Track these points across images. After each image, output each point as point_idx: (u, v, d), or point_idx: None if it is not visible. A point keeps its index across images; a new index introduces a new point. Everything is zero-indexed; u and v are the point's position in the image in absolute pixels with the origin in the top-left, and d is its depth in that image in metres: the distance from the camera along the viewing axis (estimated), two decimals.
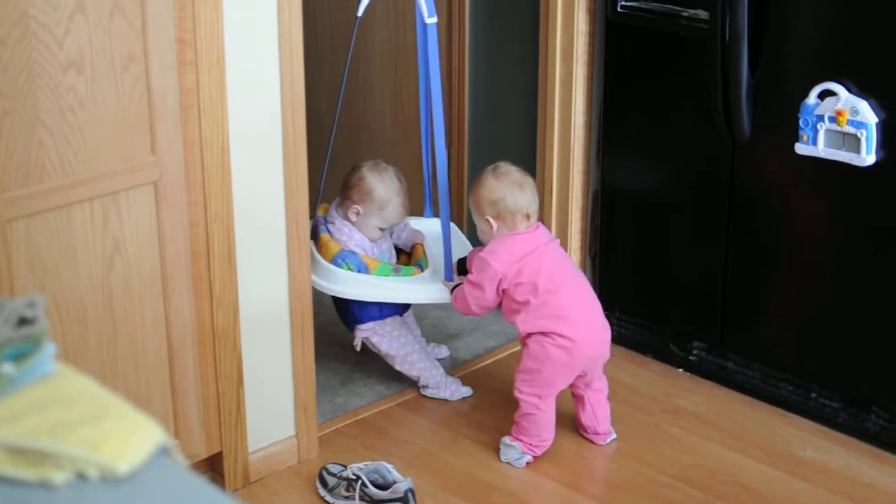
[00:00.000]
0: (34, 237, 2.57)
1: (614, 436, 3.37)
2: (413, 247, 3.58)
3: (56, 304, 2.64)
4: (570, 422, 3.39)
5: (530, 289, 3.18)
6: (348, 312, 3.54)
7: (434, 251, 3.52)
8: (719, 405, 3.54)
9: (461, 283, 3.31)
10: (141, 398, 2.83)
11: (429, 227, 3.63)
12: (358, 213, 3.43)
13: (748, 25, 3.19)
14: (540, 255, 3.21)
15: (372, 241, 3.46)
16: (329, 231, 3.45)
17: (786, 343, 3.45)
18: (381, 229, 3.47)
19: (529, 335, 3.20)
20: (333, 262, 3.37)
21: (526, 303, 3.19)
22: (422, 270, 3.43)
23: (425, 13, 3.25)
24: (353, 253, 3.39)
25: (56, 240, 2.61)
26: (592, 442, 3.35)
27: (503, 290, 3.22)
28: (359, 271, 3.36)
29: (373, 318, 3.51)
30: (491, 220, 3.25)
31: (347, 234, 3.43)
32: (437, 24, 3.27)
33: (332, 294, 3.41)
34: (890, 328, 3.20)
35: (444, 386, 3.58)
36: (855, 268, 3.25)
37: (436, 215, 3.59)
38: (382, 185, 3.42)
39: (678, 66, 3.48)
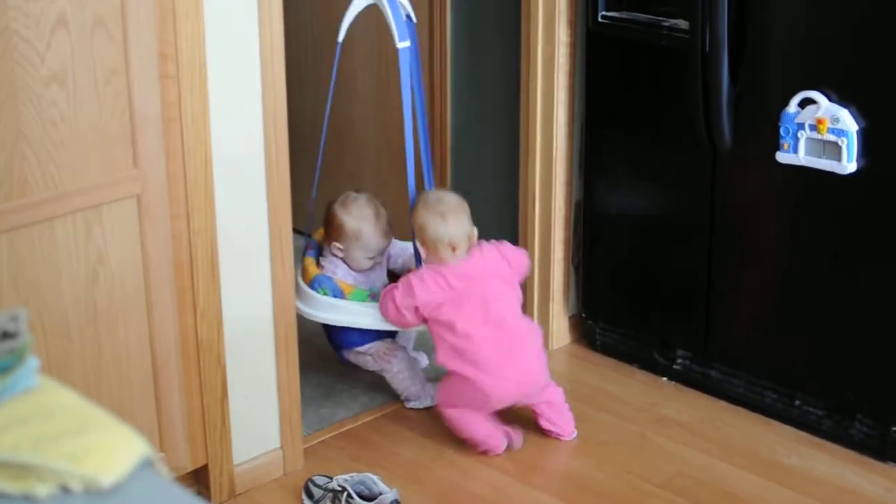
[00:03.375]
0: (17, 251, 2.57)
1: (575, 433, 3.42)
2: (408, 272, 3.56)
3: (40, 318, 2.63)
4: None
5: (447, 327, 3.20)
6: (330, 337, 3.59)
7: None
8: (704, 414, 3.55)
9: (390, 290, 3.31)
10: (125, 411, 2.82)
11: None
12: (340, 249, 3.47)
13: (728, 35, 3.20)
14: (464, 292, 3.21)
15: (360, 271, 3.49)
16: (316, 257, 3.50)
17: (770, 351, 3.45)
18: (370, 258, 3.49)
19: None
20: (310, 286, 3.41)
21: (442, 337, 3.22)
22: None
23: (396, 38, 3.26)
24: (329, 278, 3.42)
25: (39, 254, 2.60)
26: (559, 437, 3.40)
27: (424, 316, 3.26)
28: (334, 296, 3.38)
29: (353, 344, 3.53)
30: (419, 245, 3.29)
31: (332, 269, 3.47)
32: (410, 48, 3.28)
33: (308, 318, 3.43)
34: (873, 335, 3.22)
35: (425, 395, 3.58)
36: (837, 275, 3.26)
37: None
38: (350, 218, 3.45)
39: (659, 76, 3.49)
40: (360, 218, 3.45)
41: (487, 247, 3.32)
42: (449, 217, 3.24)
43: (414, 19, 3.40)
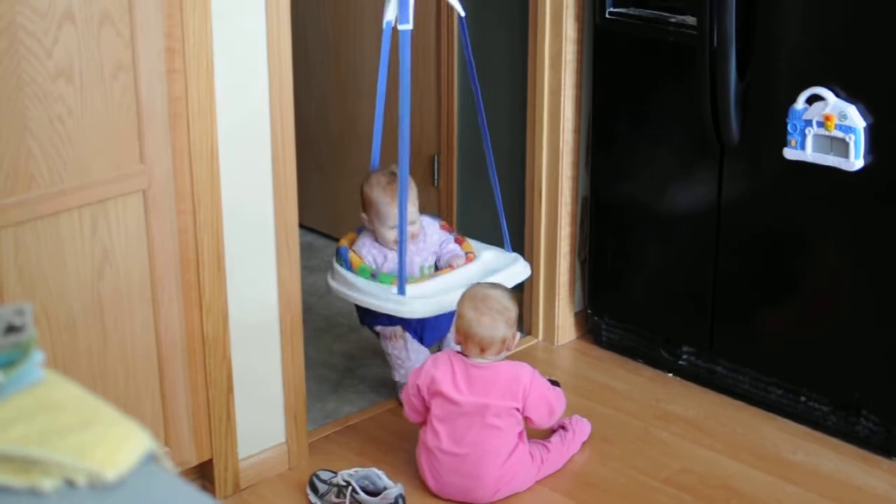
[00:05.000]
0: (23, 245, 2.57)
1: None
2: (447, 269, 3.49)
3: (45, 313, 2.64)
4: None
5: (429, 420, 3.15)
6: (357, 312, 3.61)
7: (469, 278, 3.39)
8: (709, 409, 3.55)
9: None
10: (131, 406, 2.83)
11: (500, 261, 3.50)
12: (368, 221, 3.48)
13: (736, 31, 3.19)
14: (458, 406, 3.09)
15: (387, 244, 3.46)
16: (360, 231, 3.56)
17: (775, 347, 3.45)
18: (391, 228, 3.41)
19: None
20: (334, 256, 3.49)
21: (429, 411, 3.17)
22: None
23: (399, 19, 3.22)
24: (346, 249, 3.46)
25: (45, 248, 2.61)
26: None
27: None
28: (347, 268, 3.41)
29: (379, 323, 3.51)
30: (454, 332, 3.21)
31: (361, 241, 3.50)
32: (412, 31, 3.22)
33: (330, 286, 3.49)
34: (879, 331, 3.21)
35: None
36: (843, 272, 3.26)
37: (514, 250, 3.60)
38: (368, 187, 3.46)
39: (666, 73, 3.48)
40: (374, 185, 3.44)
41: (521, 372, 3.12)
42: (484, 318, 3.07)
43: (461, 13, 3.38)
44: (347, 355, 3.91)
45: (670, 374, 3.74)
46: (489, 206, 3.74)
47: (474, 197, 4.06)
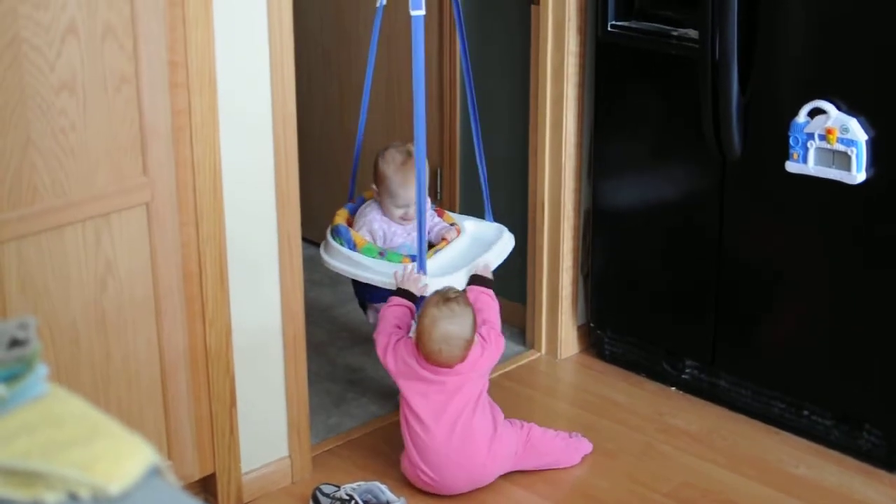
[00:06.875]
0: (26, 259, 2.57)
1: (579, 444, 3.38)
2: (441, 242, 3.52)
3: (49, 326, 2.64)
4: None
5: (407, 402, 3.17)
6: (356, 292, 3.61)
7: (465, 251, 3.47)
8: (712, 423, 3.55)
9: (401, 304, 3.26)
10: (134, 419, 2.82)
11: (483, 231, 3.57)
12: (376, 193, 3.48)
13: (738, 44, 3.20)
14: (432, 383, 3.15)
15: (397, 222, 3.47)
16: (351, 210, 3.56)
17: (778, 361, 3.45)
18: (398, 207, 3.44)
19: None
20: (331, 232, 3.47)
21: (404, 401, 3.18)
22: (412, 261, 3.36)
23: (411, 5, 3.18)
24: (347, 228, 3.45)
25: (48, 261, 2.61)
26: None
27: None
28: (348, 248, 3.40)
29: (368, 299, 3.54)
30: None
31: (365, 211, 3.50)
32: (424, 17, 3.19)
33: (325, 265, 3.48)
34: (881, 345, 3.21)
35: None
36: (846, 285, 3.25)
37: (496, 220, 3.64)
38: (382, 162, 3.46)
39: (668, 86, 3.49)
40: (389, 162, 3.44)
41: (471, 352, 3.17)
42: (454, 355, 3.13)
43: None
44: (350, 369, 3.91)
45: (673, 388, 3.74)
46: (494, 218, 3.75)
47: (478, 210, 4.06)
